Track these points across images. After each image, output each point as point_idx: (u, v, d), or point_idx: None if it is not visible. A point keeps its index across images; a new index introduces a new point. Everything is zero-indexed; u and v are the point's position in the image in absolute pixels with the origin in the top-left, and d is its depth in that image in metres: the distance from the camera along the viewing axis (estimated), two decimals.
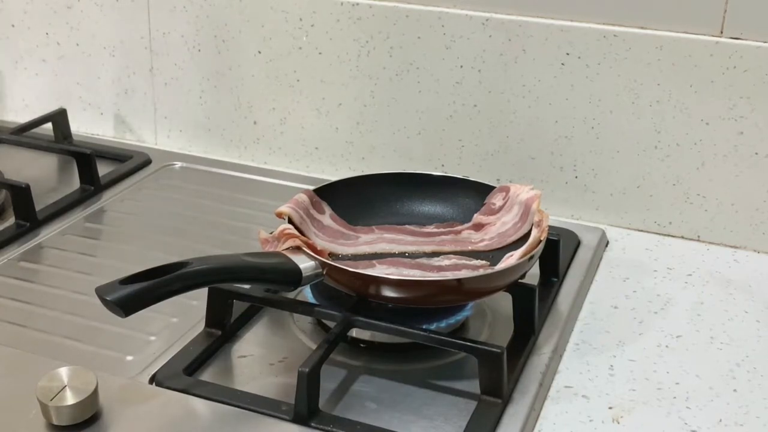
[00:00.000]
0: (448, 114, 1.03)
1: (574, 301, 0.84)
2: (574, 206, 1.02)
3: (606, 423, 0.69)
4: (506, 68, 0.99)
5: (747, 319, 0.84)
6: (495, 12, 0.98)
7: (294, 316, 0.80)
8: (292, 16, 1.06)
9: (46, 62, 1.22)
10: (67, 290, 0.84)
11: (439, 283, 0.74)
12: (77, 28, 1.19)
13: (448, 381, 0.73)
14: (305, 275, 0.72)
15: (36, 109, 1.23)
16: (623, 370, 0.75)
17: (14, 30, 1.22)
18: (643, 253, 0.96)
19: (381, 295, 0.72)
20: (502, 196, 0.86)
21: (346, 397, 0.70)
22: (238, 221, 0.99)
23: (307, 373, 0.65)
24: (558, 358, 0.76)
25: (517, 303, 0.77)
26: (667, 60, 0.93)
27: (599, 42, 0.94)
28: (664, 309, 0.85)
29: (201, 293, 0.74)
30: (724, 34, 0.90)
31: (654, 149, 0.97)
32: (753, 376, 0.75)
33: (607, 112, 0.97)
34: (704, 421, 0.69)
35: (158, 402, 0.68)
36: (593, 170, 1.00)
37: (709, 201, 0.97)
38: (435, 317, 0.76)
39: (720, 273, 0.92)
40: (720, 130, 0.94)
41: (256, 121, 1.13)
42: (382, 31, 1.03)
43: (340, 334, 0.71)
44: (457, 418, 0.68)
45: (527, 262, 0.75)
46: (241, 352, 0.76)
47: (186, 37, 1.12)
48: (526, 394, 0.70)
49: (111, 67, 1.19)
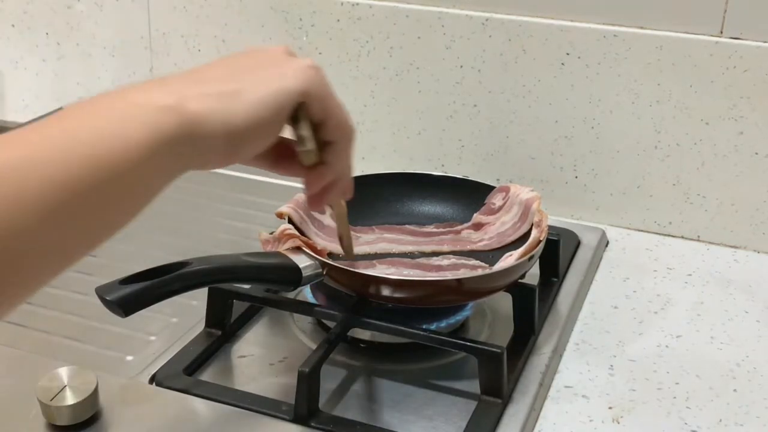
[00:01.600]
0: (448, 114, 1.03)
1: (574, 301, 0.84)
2: (574, 206, 1.02)
3: (606, 423, 0.69)
4: (506, 68, 0.99)
5: (747, 319, 0.84)
6: (495, 12, 0.98)
7: (294, 316, 0.80)
8: (292, 16, 1.06)
9: (46, 62, 1.22)
10: (67, 290, 0.84)
11: (439, 283, 0.74)
12: (77, 28, 1.19)
13: (448, 381, 0.73)
14: (305, 275, 0.72)
15: (36, 109, 1.23)
16: (623, 370, 0.75)
17: (14, 30, 1.22)
18: (643, 253, 0.96)
19: (381, 295, 0.72)
20: (502, 196, 0.86)
21: (346, 397, 0.70)
22: (238, 221, 0.99)
23: (307, 373, 0.65)
24: (558, 358, 0.76)
25: (517, 303, 0.77)
26: (667, 60, 0.93)
27: (599, 42, 0.94)
28: (664, 309, 0.85)
29: (201, 293, 0.73)
30: (724, 34, 0.90)
31: (654, 149, 0.97)
32: (753, 376, 0.75)
33: (607, 112, 0.97)
34: (704, 421, 0.69)
35: (158, 402, 0.68)
36: (593, 170, 1.00)
37: (709, 201, 0.97)
38: (435, 317, 0.76)
39: (720, 273, 0.92)
40: (720, 130, 0.94)
41: None
42: (382, 31, 1.03)
43: (340, 334, 0.71)
44: (457, 418, 0.68)
45: (527, 262, 0.75)
46: (241, 352, 0.76)
47: (186, 37, 1.12)
48: (526, 394, 0.70)
49: (111, 67, 1.19)
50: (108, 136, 0.42)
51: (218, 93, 0.48)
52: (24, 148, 0.40)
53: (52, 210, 0.40)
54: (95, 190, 0.42)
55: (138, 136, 0.43)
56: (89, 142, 0.42)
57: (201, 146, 0.47)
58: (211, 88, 0.48)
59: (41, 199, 0.39)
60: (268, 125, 0.51)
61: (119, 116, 0.44)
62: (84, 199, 0.41)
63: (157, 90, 0.46)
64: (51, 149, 0.41)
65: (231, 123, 0.48)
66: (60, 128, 0.42)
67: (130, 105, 0.45)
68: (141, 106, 0.44)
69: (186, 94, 0.46)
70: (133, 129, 0.43)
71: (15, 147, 0.40)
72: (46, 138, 0.41)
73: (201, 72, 0.51)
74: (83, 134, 0.42)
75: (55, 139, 0.41)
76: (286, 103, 0.51)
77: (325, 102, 0.55)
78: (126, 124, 0.43)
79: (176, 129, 0.45)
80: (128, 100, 0.45)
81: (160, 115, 0.44)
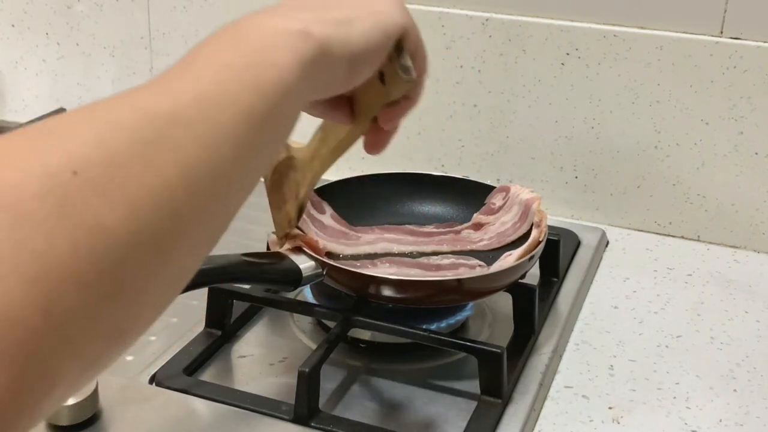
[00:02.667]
0: (448, 114, 1.03)
1: (574, 301, 0.84)
2: (574, 206, 1.02)
3: (606, 423, 0.69)
4: (506, 68, 0.99)
5: (747, 319, 0.84)
6: (495, 12, 0.98)
7: (294, 316, 0.80)
8: None
9: (46, 62, 1.22)
10: None
11: (439, 283, 0.74)
12: (77, 28, 1.19)
13: (448, 381, 0.72)
14: (305, 275, 0.72)
15: (36, 109, 1.23)
16: (623, 370, 0.75)
17: (14, 30, 1.22)
18: (643, 253, 0.96)
19: (381, 295, 0.72)
20: (502, 196, 0.86)
21: (346, 397, 0.70)
22: (238, 221, 0.98)
23: (307, 373, 0.65)
24: (558, 358, 0.76)
25: (517, 303, 0.77)
26: (667, 60, 0.93)
27: (599, 42, 0.94)
28: (664, 309, 0.85)
29: (201, 293, 0.73)
30: (724, 34, 0.90)
31: (654, 149, 0.97)
32: (753, 376, 0.75)
33: (607, 112, 0.97)
34: (704, 421, 0.69)
35: (158, 402, 0.68)
36: (593, 170, 1.00)
37: (709, 201, 0.97)
38: (435, 317, 0.76)
39: (720, 273, 0.92)
40: (720, 130, 0.94)
41: None
42: None
43: (340, 334, 0.71)
44: (457, 418, 0.68)
45: (527, 262, 0.75)
46: (241, 352, 0.76)
47: (186, 37, 1.12)
48: (526, 394, 0.70)
49: (111, 67, 1.19)
50: (263, 63, 0.43)
51: (334, 19, 0.49)
52: (197, 85, 0.40)
53: (242, 143, 0.40)
54: (266, 118, 0.42)
55: (286, 60, 0.44)
56: (252, 71, 0.42)
57: (330, 68, 0.48)
58: (326, 15, 0.49)
59: (234, 133, 0.39)
60: (380, 50, 0.53)
61: (266, 43, 0.44)
62: (260, 128, 0.41)
63: (282, 17, 0.47)
64: (226, 82, 0.40)
65: (351, 47, 0.50)
66: (217, 61, 0.42)
67: (270, 32, 0.45)
68: (280, 33, 0.45)
69: (307, 19, 0.47)
70: (281, 55, 0.44)
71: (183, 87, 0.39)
72: (211, 70, 0.41)
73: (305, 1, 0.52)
74: (243, 64, 0.42)
75: (220, 68, 0.41)
76: (393, 32, 0.54)
77: (418, 37, 0.58)
78: (275, 51, 0.44)
79: (313, 52, 0.46)
80: (265, 27, 0.45)
81: (297, 40, 0.45)
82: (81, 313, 0.31)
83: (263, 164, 0.44)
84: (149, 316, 0.37)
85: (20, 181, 0.31)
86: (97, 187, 0.33)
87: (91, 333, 0.32)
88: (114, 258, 0.32)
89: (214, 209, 0.39)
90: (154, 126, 0.36)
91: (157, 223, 0.35)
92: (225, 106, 0.39)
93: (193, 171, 0.37)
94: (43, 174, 0.32)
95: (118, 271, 0.33)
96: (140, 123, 0.36)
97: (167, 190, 0.35)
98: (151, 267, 0.35)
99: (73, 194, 0.32)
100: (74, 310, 0.31)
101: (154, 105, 0.38)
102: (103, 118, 0.36)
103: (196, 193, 0.37)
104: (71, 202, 0.32)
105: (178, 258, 0.37)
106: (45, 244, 0.30)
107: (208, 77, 0.40)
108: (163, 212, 0.35)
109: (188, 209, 0.37)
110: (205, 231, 0.39)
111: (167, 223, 0.35)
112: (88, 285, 0.31)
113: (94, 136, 0.35)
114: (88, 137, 0.34)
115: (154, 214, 0.34)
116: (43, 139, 0.34)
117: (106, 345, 0.34)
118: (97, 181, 0.33)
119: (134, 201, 0.34)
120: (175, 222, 0.36)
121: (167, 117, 0.37)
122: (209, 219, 0.39)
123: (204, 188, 0.38)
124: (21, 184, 0.31)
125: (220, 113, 0.39)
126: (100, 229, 0.32)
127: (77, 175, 0.32)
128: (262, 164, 0.44)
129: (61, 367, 0.31)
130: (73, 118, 0.37)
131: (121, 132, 0.35)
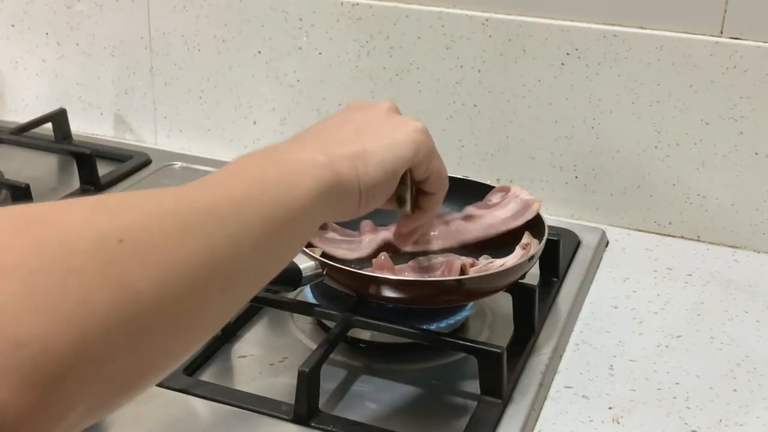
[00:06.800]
0: (448, 114, 1.03)
1: (574, 301, 0.84)
2: (574, 206, 1.02)
3: (606, 423, 0.69)
4: (506, 68, 0.99)
5: (747, 319, 0.84)
6: (495, 12, 0.98)
7: (294, 316, 0.80)
8: (292, 16, 1.06)
9: (46, 62, 1.22)
10: None
11: (439, 283, 0.74)
12: (77, 28, 1.19)
13: (448, 381, 0.73)
14: (305, 275, 0.72)
15: (36, 109, 1.23)
16: (623, 370, 0.75)
17: (14, 30, 1.22)
18: (643, 253, 0.96)
19: (381, 295, 0.72)
20: (501, 195, 0.86)
21: (346, 397, 0.70)
22: None
23: (307, 373, 0.65)
24: (558, 358, 0.76)
25: (517, 303, 0.77)
26: (667, 60, 0.93)
27: (599, 42, 0.94)
28: (664, 309, 0.85)
29: None
30: (724, 34, 0.90)
31: (654, 149, 0.97)
32: (753, 376, 0.75)
33: (607, 112, 0.97)
34: (704, 421, 0.69)
35: (158, 402, 0.68)
36: (593, 170, 1.00)
37: (709, 201, 0.97)
38: (435, 317, 0.76)
39: (720, 273, 0.92)
40: (720, 130, 0.94)
41: (256, 121, 1.13)
42: (382, 31, 1.03)
43: (340, 334, 0.71)
44: (457, 418, 0.68)
45: (527, 262, 0.75)
46: (241, 352, 0.76)
47: (186, 37, 1.12)
48: (526, 394, 0.70)
49: (111, 67, 1.19)
50: (287, 183, 0.52)
51: (351, 154, 0.58)
52: (229, 191, 0.48)
53: (260, 243, 0.47)
54: (282, 228, 0.50)
55: (307, 185, 0.53)
56: (277, 188, 0.51)
57: (343, 198, 0.57)
58: (345, 149, 0.58)
59: (254, 234, 0.47)
60: (389, 186, 0.62)
61: (292, 169, 0.53)
62: (276, 235, 0.49)
63: (311, 149, 0.57)
64: (251, 190, 0.49)
65: (363, 182, 0.59)
66: (250, 176, 0.51)
67: (297, 161, 0.54)
68: (305, 162, 0.54)
69: (331, 154, 0.57)
70: (302, 179, 0.53)
71: (221, 191, 0.48)
72: (245, 182, 0.50)
73: (330, 132, 0.62)
74: (271, 182, 0.51)
75: (252, 182, 0.50)
76: (400, 169, 0.62)
77: (430, 164, 0.65)
78: (298, 176, 0.53)
79: (329, 182, 0.55)
80: (293, 156, 0.55)
81: (319, 170, 0.54)
82: (105, 357, 0.36)
83: (275, 266, 0.51)
84: (162, 369, 0.42)
85: (75, 240, 0.37)
86: (136, 256, 0.38)
87: (109, 376, 0.37)
88: (140, 316, 0.38)
89: (228, 295, 0.45)
90: (192, 215, 0.44)
91: (179, 295, 0.40)
92: (251, 211, 0.47)
93: (216, 258, 0.43)
94: (94, 237, 0.37)
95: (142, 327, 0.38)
96: (181, 210, 0.44)
97: (191, 269, 0.41)
98: (170, 331, 0.41)
99: (116, 259, 0.37)
100: (100, 353, 0.36)
101: (195, 199, 0.46)
102: (152, 201, 0.43)
103: (214, 276, 0.43)
104: (114, 265, 0.37)
105: (191, 330, 0.43)
106: (87, 295, 0.35)
107: (242, 188, 0.49)
108: (185, 288, 0.41)
109: (206, 289, 0.43)
110: (215, 310, 0.45)
111: (187, 297, 0.41)
112: (114, 335, 0.37)
113: (142, 214, 0.41)
114: (137, 214, 0.41)
115: (177, 288, 0.40)
116: (98, 209, 0.40)
117: (118, 389, 0.39)
118: (137, 251, 0.39)
119: (164, 274, 0.39)
120: (194, 297, 0.42)
121: (204, 210, 0.45)
122: (222, 301, 0.45)
123: (222, 274, 0.44)
124: (75, 243, 0.37)
125: (247, 215, 0.47)
126: (134, 292, 0.37)
127: (122, 243, 0.38)
128: (274, 266, 0.51)
129: (76, 399, 0.35)
130: (127, 198, 0.43)
131: (164, 215, 0.42)
